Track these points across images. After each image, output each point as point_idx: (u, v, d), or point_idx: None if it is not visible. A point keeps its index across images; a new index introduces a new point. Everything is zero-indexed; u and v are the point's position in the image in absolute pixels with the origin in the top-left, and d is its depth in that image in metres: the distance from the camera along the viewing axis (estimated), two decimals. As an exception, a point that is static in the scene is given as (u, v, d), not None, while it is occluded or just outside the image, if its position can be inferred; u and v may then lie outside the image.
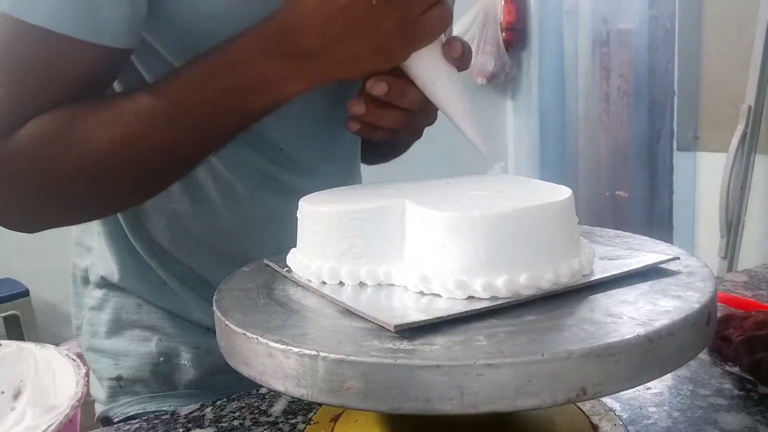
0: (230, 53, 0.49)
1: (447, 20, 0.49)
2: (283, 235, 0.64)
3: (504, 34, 2.77)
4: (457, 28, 2.76)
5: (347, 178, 0.69)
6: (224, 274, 0.65)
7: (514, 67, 2.84)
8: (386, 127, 0.53)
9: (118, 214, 0.64)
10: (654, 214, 2.49)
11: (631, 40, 2.49)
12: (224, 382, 0.64)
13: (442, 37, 0.51)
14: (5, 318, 2.01)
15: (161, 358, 0.65)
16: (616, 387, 0.31)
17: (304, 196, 0.65)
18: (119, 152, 0.50)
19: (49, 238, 0.78)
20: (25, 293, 2.04)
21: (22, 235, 0.62)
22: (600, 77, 2.63)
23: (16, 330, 2.01)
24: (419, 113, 0.53)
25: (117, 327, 0.66)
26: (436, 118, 0.57)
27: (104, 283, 0.67)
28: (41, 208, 0.53)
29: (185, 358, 0.65)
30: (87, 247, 0.68)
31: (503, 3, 2.76)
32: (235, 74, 0.49)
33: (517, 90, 2.94)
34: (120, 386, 0.67)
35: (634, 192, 2.58)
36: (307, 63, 0.48)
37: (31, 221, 0.55)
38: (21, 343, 0.37)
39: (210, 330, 0.65)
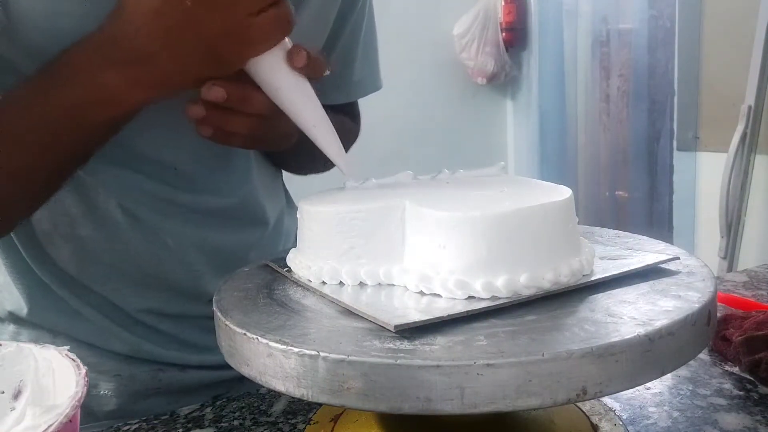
0: (67, 66, 0.47)
1: (285, 24, 0.46)
2: (196, 259, 0.62)
3: (504, 34, 2.77)
4: (457, 28, 2.77)
5: (248, 188, 0.66)
6: (141, 301, 0.62)
7: (514, 67, 2.84)
8: (240, 133, 0.51)
9: (19, 245, 0.60)
10: (654, 214, 2.49)
11: (631, 40, 2.49)
12: (149, 408, 0.61)
13: (288, 43, 0.48)
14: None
15: None
16: (617, 387, 0.31)
17: (205, 214, 0.63)
18: None
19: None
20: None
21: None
22: (600, 77, 2.63)
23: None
24: (276, 118, 0.50)
25: None
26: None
27: (14, 318, 0.63)
28: None
29: (105, 387, 0.62)
30: None
31: (503, 3, 2.76)
32: (73, 87, 0.47)
33: (517, 90, 2.94)
34: None
35: (634, 192, 2.58)
36: (140, 71, 0.46)
37: None
38: (21, 344, 0.37)
39: (130, 357, 0.63)
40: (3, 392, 0.36)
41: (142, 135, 0.57)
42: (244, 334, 0.35)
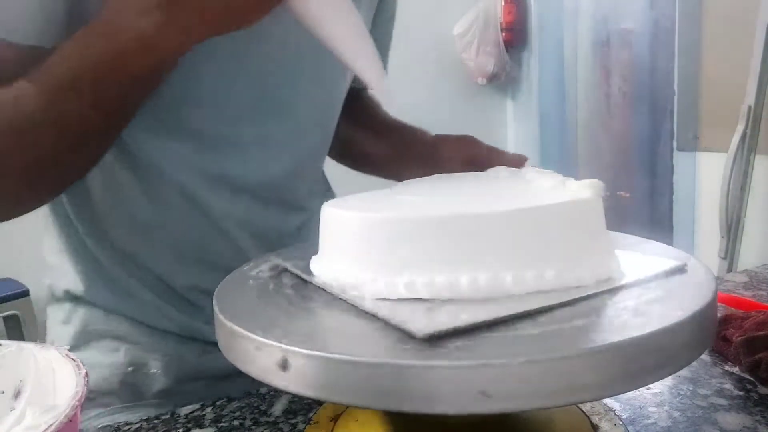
0: (105, 14, 0.45)
1: None
2: (241, 237, 0.62)
3: (504, 34, 2.77)
4: (458, 28, 2.77)
5: (307, 174, 0.66)
6: (190, 279, 0.63)
7: (514, 67, 2.85)
8: None
9: (77, 223, 0.62)
10: (654, 214, 2.49)
11: (631, 41, 2.50)
12: (194, 390, 0.63)
13: None
14: (5, 318, 2.01)
15: (130, 368, 0.63)
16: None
17: (254, 192, 0.62)
18: (12, 137, 0.47)
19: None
20: (25, 293, 2.04)
21: (23, 235, 0.61)
22: (600, 77, 2.63)
23: (16, 330, 2.01)
24: None
25: (84, 339, 0.65)
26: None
27: (69, 297, 0.65)
28: None
29: (155, 366, 0.64)
30: (50, 265, 0.67)
31: (503, 3, 2.76)
32: (111, 36, 0.45)
33: (517, 90, 2.94)
34: (89, 398, 0.63)
35: (634, 192, 2.58)
36: (173, 12, 0.43)
37: None
38: (21, 343, 0.37)
39: (180, 336, 0.64)
40: (3, 392, 0.36)
41: (188, 105, 0.57)
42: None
